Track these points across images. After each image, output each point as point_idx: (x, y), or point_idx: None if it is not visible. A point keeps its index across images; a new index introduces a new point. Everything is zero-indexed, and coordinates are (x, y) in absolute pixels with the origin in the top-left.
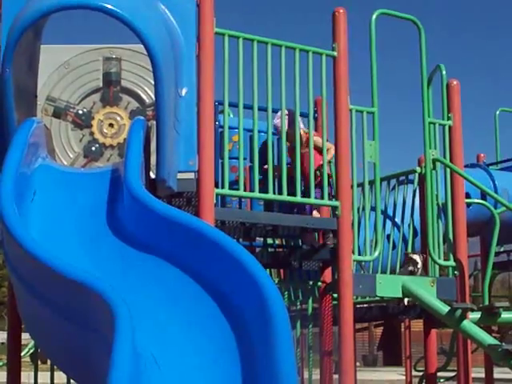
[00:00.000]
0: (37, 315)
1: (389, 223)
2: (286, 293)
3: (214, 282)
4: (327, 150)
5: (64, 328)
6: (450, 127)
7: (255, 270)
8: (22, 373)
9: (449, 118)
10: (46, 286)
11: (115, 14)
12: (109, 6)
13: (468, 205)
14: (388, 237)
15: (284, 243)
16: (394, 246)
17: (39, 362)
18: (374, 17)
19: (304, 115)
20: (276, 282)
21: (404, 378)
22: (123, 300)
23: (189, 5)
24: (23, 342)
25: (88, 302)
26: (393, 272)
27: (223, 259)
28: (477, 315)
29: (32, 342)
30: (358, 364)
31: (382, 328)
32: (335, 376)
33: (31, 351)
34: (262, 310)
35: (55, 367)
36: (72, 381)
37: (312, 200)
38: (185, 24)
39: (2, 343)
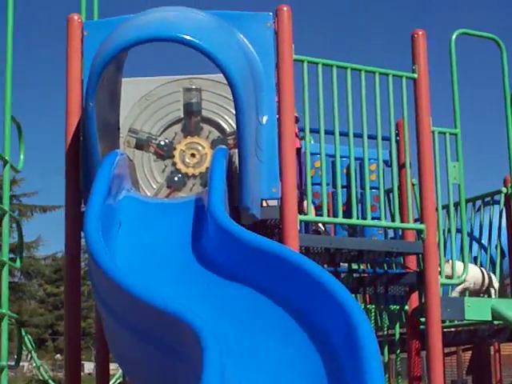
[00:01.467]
0: (125, 345)
1: (475, 245)
2: (373, 318)
3: (301, 309)
4: None
5: (152, 357)
6: None
7: (343, 296)
8: None
9: None
10: (134, 316)
11: (194, 44)
12: (188, 38)
13: None
14: (475, 259)
15: (369, 268)
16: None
17: None
18: (454, 36)
19: (385, 138)
20: (362, 307)
21: None
22: (211, 331)
23: (267, 32)
24: (111, 372)
25: (177, 333)
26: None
27: (310, 286)
28: None
29: (119, 372)
30: None
31: (470, 352)
32: None
33: (119, 381)
34: (351, 337)
35: None
36: None
37: (397, 224)
38: (263, 51)
39: (89, 373)
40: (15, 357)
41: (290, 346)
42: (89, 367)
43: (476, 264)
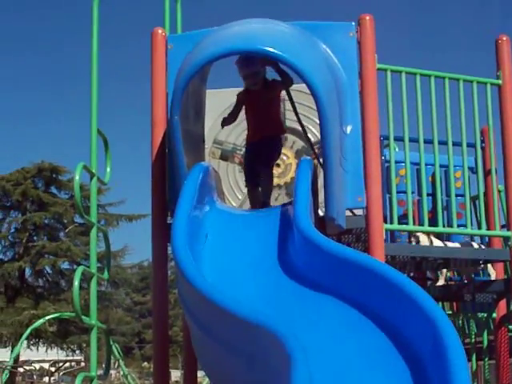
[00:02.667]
0: (212, 355)
1: None
2: (460, 325)
3: (386, 318)
4: None
5: (240, 368)
6: None
7: (428, 305)
8: None
9: None
10: (222, 327)
11: (278, 56)
12: (271, 50)
13: None
14: None
15: (456, 276)
16: None
17: None
18: None
19: (471, 145)
20: (448, 314)
21: None
22: (299, 342)
23: (350, 42)
24: (198, 380)
25: (264, 344)
26: None
27: (396, 296)
28: None
29: (207, 380)
30: None
31: None
32: None
33: None
34: (438, 346)
35: None
36: None
37: (483, 231)
38: (346, 61)
39: (176, 381)
40: (103, 366)
41: (375, 352)
42: (175, 375)
43: None
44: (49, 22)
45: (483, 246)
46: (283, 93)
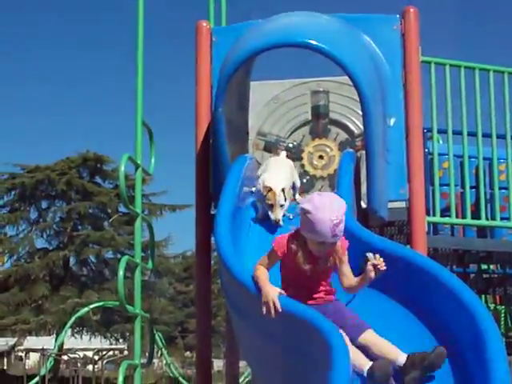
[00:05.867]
0: (254, 346)
1: None
2: (503, 319)
3: (427, 311)
4: None
5: (280, 360)
6: None
7: (468, 297)
8: None
9: None
10: (263, 319)
11: (321, 49)
12: (314, 43)
13: None
14: None
15: (499, 268)
16: None
17: None
18: None
19: None
20: (492, 307)
21: None
22: (341, 334)
23: (394, 35)
24: (240, 370)
25: (306, 337)
26: None
27: (439, 290)
28: None
29: (249, 370)
30: None
31: None
32: None
33: (248, 379)
34: (477, 337)
35: None
36: None
37: None
38: (390, 54)
39: (219, 371)
40: (147, 355)
41: (417, 346)
42: (218, 364)
43: None
44: (95, 16)
45: None
46: (327, 85)
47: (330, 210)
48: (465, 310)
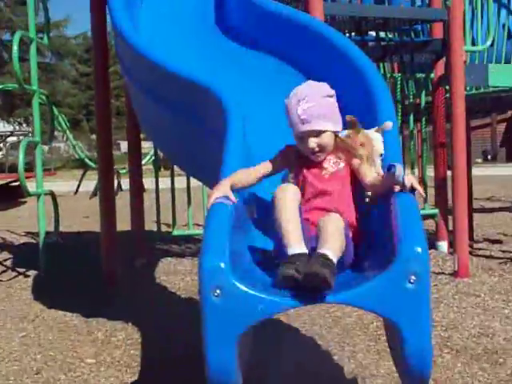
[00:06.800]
0: (152, 115)
1: (504, 11)
2: (399, 86)
3: (318, 74)
4: None
5: (182, 127)
6: None
7: (357, 56)
8: (145, 179)
9: None
10: (162, 87)
11: None
12: None
13: None
14: (503, 26)
15: (396, 36)
16: (510, 36)
17: (162, 169)
18: None
19: None
20: (388, 75)
21: None
22: (234, 97)
23: None
24: (144, 151)
25: (201, 100)
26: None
27: (332, 55)
28: None
29: (152, 150)
30: (478, 161)
31: (504, 124)
32: (449, 173)
33: (152, 159)
34: (370, 103)
35: (175, 172)
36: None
37: None
38: None
39: (125, 153)
40: (48, 134)
41: None
42: (125, 146)
43: (504, 31)
44: None
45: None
46: None
47: (300, 92)
48: (355, 70)
